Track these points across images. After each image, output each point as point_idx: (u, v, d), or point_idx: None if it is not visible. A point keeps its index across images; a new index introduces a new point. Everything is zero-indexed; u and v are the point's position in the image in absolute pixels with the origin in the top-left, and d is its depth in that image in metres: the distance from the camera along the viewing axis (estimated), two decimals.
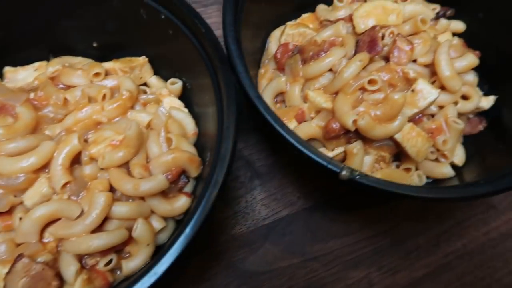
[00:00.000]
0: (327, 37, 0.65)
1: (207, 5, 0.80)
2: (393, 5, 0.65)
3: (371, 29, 0.62)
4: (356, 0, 0.73)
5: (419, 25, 0.63)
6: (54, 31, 0.64)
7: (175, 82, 0.64)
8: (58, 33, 0.64)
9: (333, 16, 0.69)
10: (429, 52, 0.63)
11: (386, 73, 0.60)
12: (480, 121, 0.66)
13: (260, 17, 0.70)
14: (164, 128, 0.57)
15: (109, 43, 0.66)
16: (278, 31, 0.72)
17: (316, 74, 0.62)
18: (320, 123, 0.60)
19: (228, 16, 0.55)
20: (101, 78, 0.61)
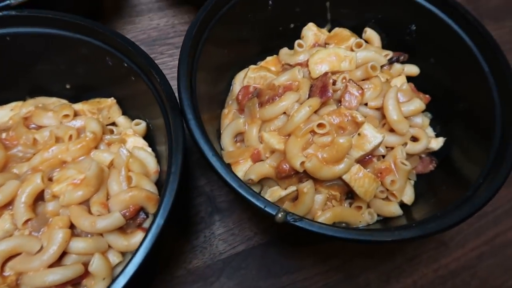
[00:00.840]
0: (284, 81, 0.69)
1: (180, 47, 0.84)
2: (346, 53, 0.69)
3: (324, 75, 0.66)
4: (316, 45, 0.78)
5: (370, 71, 0.67)
6: (30, 74, 0.69)
7: (139, 123, 0.68)
8: (33, 76, 0.69)
9: (292, 61, 0.74)
10: (380, 96, 0.67)
11: (336, 116, 0.64)
12: (431, 161, 0.69)
13: (225, 60, 0.74)
14: (125, 167, 0.61)
15: (81, 85, 0.71)
16: (243, 73, 0.77)
17: (271, 116, 0.65)
18: (273, 163, 0.63)
19: (183, 64, 0.60)
20: (70, 119, 0.66)
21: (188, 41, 0.62)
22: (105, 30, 0.61)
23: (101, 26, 0.62)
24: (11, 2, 0.61)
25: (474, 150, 0.65)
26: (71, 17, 0.62)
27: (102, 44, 0.63)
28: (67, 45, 0.64)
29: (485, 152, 0.61)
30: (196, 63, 0.65)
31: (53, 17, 0.62)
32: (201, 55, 0.66)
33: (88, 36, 0.63)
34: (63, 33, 0.63)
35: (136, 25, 0.87)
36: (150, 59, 0.59)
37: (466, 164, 0.66)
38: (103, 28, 0.61)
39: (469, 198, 0.56)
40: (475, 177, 0.60)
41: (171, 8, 0.90)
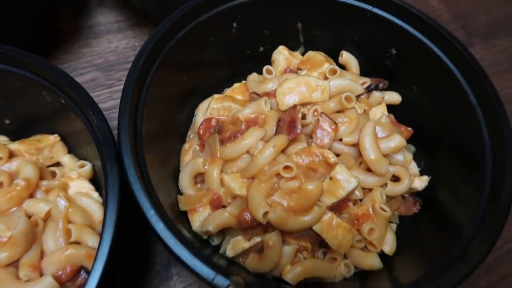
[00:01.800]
0: (249, 113, 0.62)
1: None
2: (317, 82, 0.62)
3: (292, 108, 0.59)
4: (288, 70, 0.70)
5: (344, 103, 0.60)
6: None
7: (84, 164, 0.60)
8: None
9: (261, 89, 0.66)
10: (356, 131, 0.59)
11: (306, 156, 0.56)
12: (415, 202, 0.62)
13: (185, 88, 0.67)
14: (63, 218, 0.53)
15: (22, 120, 0.63)
16: (207, 102, 0.69)
17: (233, 156, 0.58)
18: (234, 211, 0.55)
19: (125, 97, 0.52)
20: (3, 161, 0.58)
21: (134, 69, 0.54)
22: (38, 62, 0.54)
23: (34, 57, 0.54)
24: None
25: (464, 190, 0.58)
26: (1, 48, 0.54)
27: (36, 77, 0.55)
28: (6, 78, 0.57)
29: (476, 192, 0.54)
30: (146, 94, 0.57)
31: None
32: (152, 84, 0.58)
33: (20, 68, 0.55)
34: None
35: (93, 48, 0.79)
36: (89, 97, 0.51)
37: (455, 205, 0.59)
38: (36, 59, 0.54)
39: (461, 255, 0.48)
40: (465, 222, 0.53)
41: (132, 29, 0.82)
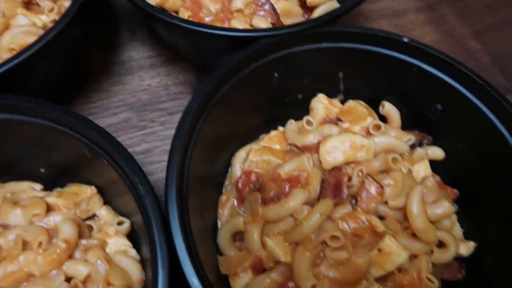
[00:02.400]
0: (291, 170, 0.60)
1: (173, 113, 0.75)
2: (363, 141, 0.60)
3: (337, 170, 0.57)
4: (327, 119, 0.69)
5: (391, 164, 0.58)
6: None
7: (122, 221, 0.58)
8: (2, 157, 0.60)
9: (300, 142, 0.65)
10: (401, 194, 0.58)
11: (352, 221, 0.55)
12: (460, 267, 0.60)
13: (224, 135, 0.65)
14: (102, 282, 0.52)
15: (57, 170, 0.62)
16: (244, 151, 0.67)
17: (276, 218, 0.56)
18: (278, 278, 0.54)
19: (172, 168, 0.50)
20: (41, 218, 0.57)
21: (180, 137, 0.52)
22: (82, 121, 0.52)
23: (78, 116, 0.53)
24: None
25: None
26: (37, 103, 0.53)
27: (79, 135, 0.54)
28: (35, 131, 0.56)
29: None
30: (191, 153, 0.55)
31: (18, 103, 0.53)
32: (197, 140, 0.57)
33: (62, 125, 0.54)
34: (30, 119, 0.54)
35: (125, 85, 0.78)
36: (136, 165, 0.50)
37: (502, 273, 0.57)
38: (80, 118, 0.53)
39: None
40: None
41: (165, 66, 0.80)
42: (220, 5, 0.76)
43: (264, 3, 0.72)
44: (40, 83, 0.66)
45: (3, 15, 0.69)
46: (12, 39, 0.67)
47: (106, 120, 0.74)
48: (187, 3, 0.77)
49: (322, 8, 0.78)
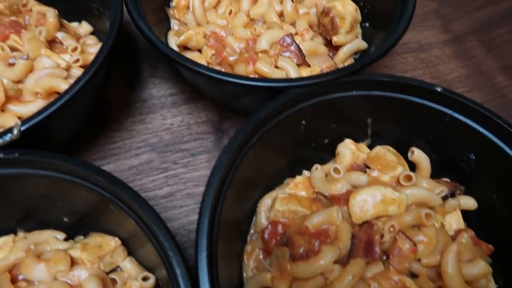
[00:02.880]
0: (320, 223, 0.58)
1: (195, 154, 0.74)
2: (394, 195, 0.58)
3: (369, 227, 0.56)
4: (355, 165, 0.67)
5: (424, 221, 0.56)
6: (21, 207, 0.59)
7: (147, 277, 0.57)
8: (26, 209, 0.59)
9: (328, 191, 0.63)
10: (435, 251, 0.56)
11: (384, 281, 0.53)
12: None
13: (250, 182, 0.64)
14: None
15: (80, 220, 0.61)
16: (269, 198, 0.66)
17: (305, 276, 0.55)
18: None
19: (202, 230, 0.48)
20: (65, 273, 0.55)
21: (210, 196, 0.51)
22: (109, 179, 0.51)
23: (104, 174, 0.51)
24: None
25: None
26: (59, 159, 0.52)
27: (104, 192, 0.53)
28: (58, 185, 0.55)
29: None
30: (222, 206, 0.54)
31: (42, 160, 0.52)
32: (228, 191, 0.55)
33: (88, 182, 0.53)
34: (57, 175, 0.53)
35: (147, 125, 0.77)
36: (163, 225, 0.48)
37: None
38: (105, 175, 0.51)
39: None
40: None
41: (187, 104, 0.79)
42: (245, 44, 0.75)
43: (290, 44, 0.71)
44: (64, 128, 0.65)
45: (27, 56, 0.68)
46: (36, 82, 0.66)
47: (128, 161, 0.73)
48: (210, 42, 0.76)
49: (348, 47, 0.76)
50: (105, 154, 0.73)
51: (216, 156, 0.73)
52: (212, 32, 0.77)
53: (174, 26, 0.82)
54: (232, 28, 0.77)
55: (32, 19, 0.76)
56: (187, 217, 0.68)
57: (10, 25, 0.71)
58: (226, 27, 0.78)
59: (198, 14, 0.78)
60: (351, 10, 0.74)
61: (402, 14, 0.68)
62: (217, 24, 0.78)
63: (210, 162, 0.74)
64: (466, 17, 0.95)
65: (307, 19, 0.77)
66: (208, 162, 0.74)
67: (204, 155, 0.74)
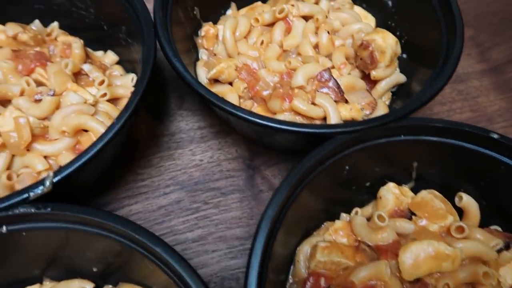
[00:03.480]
0: (366, 279, 0.55)
1: (226, 193, 0.71)
2: (448, 250, 0.54)
3: (422, 285, 0.52)
4: (398, 211, 0.63)
5: (481, 279, 0.52)
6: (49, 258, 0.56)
7: None
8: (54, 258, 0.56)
9: (373, 240, 0.59)
10: None
11: None
12: None
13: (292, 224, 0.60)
14: None
15: (110, 270, 0.57)
16: (308, 245, 0.62)
17: None
18: None
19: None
20: None
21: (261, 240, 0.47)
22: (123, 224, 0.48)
23: (122, 220, 0.48)
24: (29, 196, 0.48)
25: None
26: (93, 213, 0.49)
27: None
28: (89, 238, 0.52)
29: None
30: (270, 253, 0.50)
31: (75, 215, 0.48)
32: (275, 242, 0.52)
33: (110, 231, 0.50)
34: (87, 228, 0.50)
35: (176, 161, 0.73)
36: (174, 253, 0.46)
37: None
38: (123, 222, 0.48)
39: None
40: None
41: (216, 139, 0.76)
42: (278, 77, 0.72)
43: (328, 80, 0.67)
44: (92, 173, 0.62)
45: (54, 92, 0.65)
46: (63, 120, 0.63)
47: (157, 201, 0.69)
48: (242, 74, 0.73)
49: (386, 81, 0.73)
50: (133, 192, 0.70)
51: (248, 196, 0.70)
52: (243, 64, 0.74)
53: (202, 56, 0.79)
54: (264, 60, 0.74)
55: (57, 50, 0.73)
56: (220, 263, 0.65)
57: (35, 58, 0.68)
58: (258, 58, 0.74)
59: (229, 45, 0.74)
60: (391, 44, 0.70)
61: (449, 50, 0.64)
62: (248, 55, 0.75)
63: (242, 202, 0.70)
64: (504, 45, 0.91)
65: (343, 52, 0.73)
66: (240, 202, 0.70)
67: (235, 194, 0.71)
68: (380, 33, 0.71)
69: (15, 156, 0.62)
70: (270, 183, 0.73)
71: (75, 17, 0.76)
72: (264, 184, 0.73)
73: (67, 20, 0.77)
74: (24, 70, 0.67)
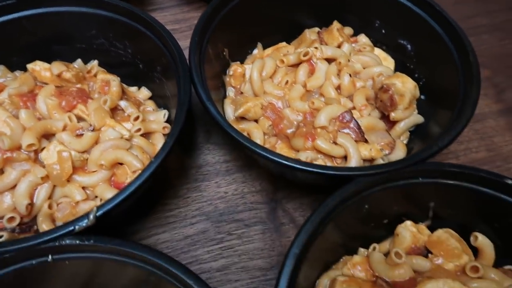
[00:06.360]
0: None
1: (249, 225, 0.74)
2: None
3: None
4: (415, 248, 0.66)
5: None
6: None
7: None
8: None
9: (390, 277, 0.61)
10: None
11: None
12: None
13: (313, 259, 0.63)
14: None
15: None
16: (327, 278, 0.65)
17: None
18: None
19: None
20: None
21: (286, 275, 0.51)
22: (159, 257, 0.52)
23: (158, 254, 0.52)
24: (74, 228, 0.52)
25: None
26: (136, 248, 0.53)
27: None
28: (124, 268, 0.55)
29: None
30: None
31: (115, 247, 0.52)
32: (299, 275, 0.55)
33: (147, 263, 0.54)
34: (125, 260, 0.54)
35: (202, 192, 0.78)
36: None
37: None
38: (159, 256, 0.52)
39: None
40: None
41: (241, 172, 0.80)
42: (302, 117, 0.76)
43: (350, 121, 0.71)
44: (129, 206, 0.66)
45: (94, 127, 0.70)
46: (102, 154, 0.68)
47: (183, 230, 0.73)
48: (267, 113, 0.77)
49: (405, 122, 0.76)
50: (161, 222, 0.74)
51: (270, 228, 0.74)
52: (269, 102, 0.78)
53: (230, 93, 0.84)
54: (289, 100, 0.78)
55: (96, 86, 0.78)
56: None
57: (77, 95, 0.73)
58: (283, 98, 0.79)
59: (256, 84, 0.79)
60: (410, 88, 0.74)
61: (467, 94, 0.68)
62: (274, 94, 0.79)
63: (264, 234, 0.74)
64: None
65: (364, 94, 0.77)
66: (263, 234, 0.74)
67: (258, 226, 0.74)
68: (400, 78, 0.75)
69: (56, 187, 0.67)
70: (291, 216, 0.77)
71: (113, 55, 0.82)
72: (285, 217, 0.76)
73: (106, 58, 0.83)
74: (67, 106, 0.72)
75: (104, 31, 0.79)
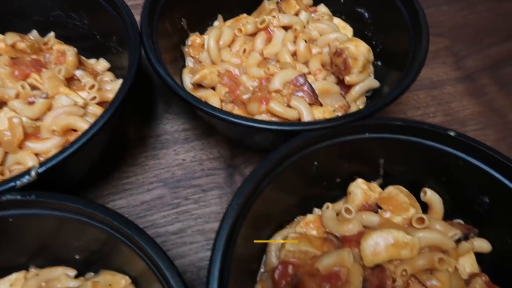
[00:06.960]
0: (330, 265, 0.58)
1: (207, 190, 0.75)
2: (406, 238, 0.57)
3: (380, 271, 0.55)
4: (366, 205, 0.67)
5: (437, 265, 0.55)
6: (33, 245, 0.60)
7: None
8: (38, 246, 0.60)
9: (339, 231, 0.63)
10: None
11: None
12: None
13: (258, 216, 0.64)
14: None
15: (92, 259, 0.61)
16: (280, 236, 0.66)
17: None
18: None
19: None
20: None
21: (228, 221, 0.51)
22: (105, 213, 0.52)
23: (104, 209, 0.52)
24: (15, 184, 0.52)
25: None
26: (74, 201, 0.53)
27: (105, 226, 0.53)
28: (72, 225, 0.55)
29: None
30: (239, 227, 0.54)
31: (58, 202, 0.53)
32: (246, 217, 0.55)
33: (92, 219, 0.54)
34: (70, 216, 0.54)
35: (160, 160, 0.78)
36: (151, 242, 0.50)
37: None
38: (105, 211, 0.52)
39: None
40: None
41: (199, 140, 0.81)
42: (258, 82, 0.76)
43: (303, 84, 0.72)
44: (79, 168, 0.66)
45: (46, 95, 0.70)
46: (54, 120, 0.68)
47: (140, 197, 0.74)
48: (224, 80, 0.78)
49: (360, 86, 0.77)
50: (118, 189, 0.74)
51: (227, 192, 0.74)
52: (226, 70, 0.79)
53: (189, 63, 0.84)
54: (246, 67, 0.78)
55: (52, 57, 0.78)
56: (197, 254, 0.69)
57: (31, 64, 0.73)
58: (240, 65, 0.79)
59: (213, 53, 0.79)
60: (363, 51, 0.75)
61: (415, 55, 0.69)
62: (231, 62, 0.79)
63: (221, 198, 0.74)
64: (478, 54, 0.96)
65: (320, 59, 0.78)
66: (219, 199, 0.74)
67: (215, 191, 0.75)
68: (353, 42, 0.76)
69: (8, 154, 0.67)
70: None
71: (70, 27, 0.82)
72: None
73: (63, 30, 0.83)
74: (20, 75, 0.72)
75: (59, 2, 0.79)
